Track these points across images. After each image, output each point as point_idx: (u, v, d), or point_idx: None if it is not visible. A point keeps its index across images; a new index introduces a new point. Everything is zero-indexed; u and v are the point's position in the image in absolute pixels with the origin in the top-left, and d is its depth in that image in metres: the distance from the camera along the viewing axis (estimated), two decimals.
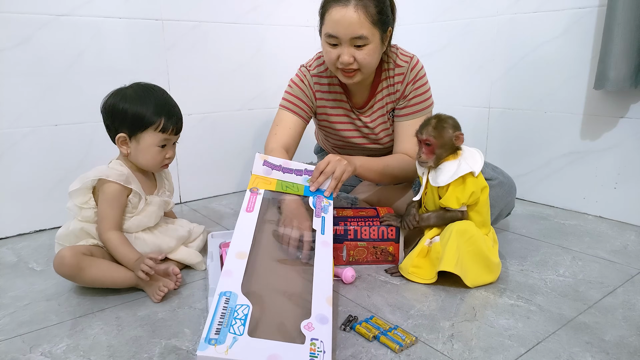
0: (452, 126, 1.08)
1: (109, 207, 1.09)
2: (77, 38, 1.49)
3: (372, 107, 1.35)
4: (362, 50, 1.17)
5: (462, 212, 1.11)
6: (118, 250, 1.06)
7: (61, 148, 1.52)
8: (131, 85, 1.15)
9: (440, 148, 1.08)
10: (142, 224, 1.14)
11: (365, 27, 1.14)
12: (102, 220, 1.08)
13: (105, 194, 1.09)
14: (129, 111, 1.10)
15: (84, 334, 0.92)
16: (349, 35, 1.14)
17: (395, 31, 1.37)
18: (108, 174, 1.09)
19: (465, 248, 1.06)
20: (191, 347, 0.87)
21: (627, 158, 1.46)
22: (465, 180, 1.07)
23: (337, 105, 1.37)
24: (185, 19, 1.69)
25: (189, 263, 1.19)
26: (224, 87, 1.84)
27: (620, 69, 1.31)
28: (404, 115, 1.32)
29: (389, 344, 0.85)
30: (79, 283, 1.07)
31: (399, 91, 1.31)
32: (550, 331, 0.91)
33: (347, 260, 1.21)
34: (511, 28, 1.69)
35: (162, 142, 1.14)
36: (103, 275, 1.04)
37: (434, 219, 1.13)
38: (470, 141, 1.87)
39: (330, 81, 1.35)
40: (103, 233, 1.07)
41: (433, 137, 1.08)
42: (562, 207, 1.65)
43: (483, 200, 1.11)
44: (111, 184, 1.09)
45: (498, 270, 1.11)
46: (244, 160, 1.95)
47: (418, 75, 1.30)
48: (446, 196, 1.09)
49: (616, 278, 1.12)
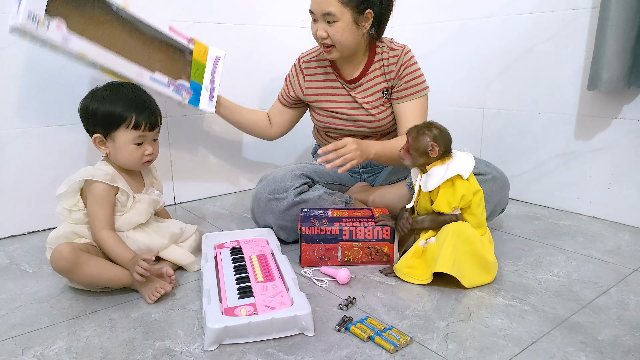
0: (432, 136, 1.09)
1: (99, 207, 1.08)
2: None
3: (364, 84, 1.41)
4: (333, 26, 1.26)
5: (455, 216, 1.11)
6: (112, 249, 1.05)
7: (54, 149, 1.51)
8: (103, 85, 1.15)
9: (414, 151, 1.10)
10: (133, 222, 1.13)
11: (332, 5, 1.23)
12: (94, 220, 1.08)
13: (93, 194, 1.08)
14: (98, 111, 1.09)
15: (76, 336, 0.91)
16: (320, 12, 1.25)
17: (390, 31, 1.38)
18: (94, 174, 1.08)
19: (461, 249, 1.06)
20: (185, 349, 0.86)
21: (620, 158, 1.47)
22: (455, 184, 1.08)
23: (326, 78, 1.46)
24: (178, 19, 1.68)
25: (181, 263, 1.18)
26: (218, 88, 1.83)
27: (613, 70, 1.32)
28: (403, 97, 1.38)
29: (383, 344, 0.85)
30: (74, 280, 1.05)
31: (393, 71, 1.37)
32: (545, 331, 0.91)
33: (342, 261, 1.21)
34: (505, 29, 1.69)
35: (136, 139, 1.12)
36: (100, 272, 1.03)
37: (427, 222, 1.13)
38: (465, 142, 1.88)
39: (320, 64, 1.46)
40: (96, 233, 1.07)
41: (412, 138, 1.11)
42: (556, 208, 1.66)
43: (476, 202, 1.11)
44: (98, 184, 1.08)
45: (495, 270, 1.11)
46: (239, 162, 1.94)
47: (412, 60, 1.38)
48: (437, 200, 1.09)
49: (610, 278, 1.13)
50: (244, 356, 0.84)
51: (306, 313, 0.89)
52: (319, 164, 1.50)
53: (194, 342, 0.88)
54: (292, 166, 1.42)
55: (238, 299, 0.96)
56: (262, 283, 1.02)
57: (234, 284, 1.03)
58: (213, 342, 0.86)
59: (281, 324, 0.89)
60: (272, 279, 1.04)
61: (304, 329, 0.90)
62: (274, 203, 1.29)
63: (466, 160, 1.11)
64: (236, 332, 0.87)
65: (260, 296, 0.97)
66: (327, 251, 1.20)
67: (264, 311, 0.91)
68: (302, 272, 1.17)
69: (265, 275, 1.06)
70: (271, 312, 0.90)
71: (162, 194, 1.25)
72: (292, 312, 0.89)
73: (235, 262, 1.14)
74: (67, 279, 1.06)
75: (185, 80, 1.42)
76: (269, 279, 1.04)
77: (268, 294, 0.97)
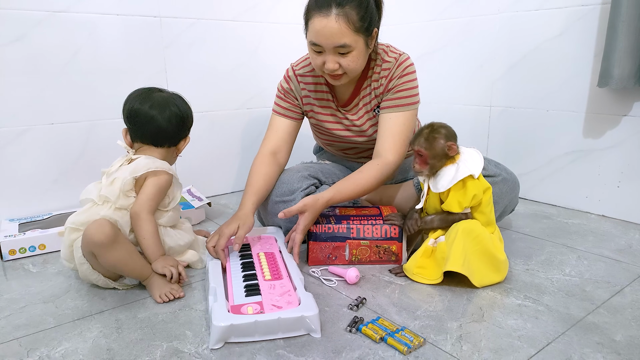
0: (444, 136, 1.06)
1: (158, 192, 1.08)
2: (73, 35, 1.47)
3: (357, 105, 1.33)
4: (347, 57, 1.16)
5: (465, 215, 1.09)
6: (149, 238, 1.05)
7: (57, 147, 1.49)
8: (149, 88, 1.17)
9: (432, 159, 1.07)
10: (172, 221, 1.15)
11: (347, 36, 1.12)
12: (147, 200, 1.06)
13: (159, 179, 1.09)
14: (190, 115, 1.20)
15: (82, 337, 0.89)
16: (332, 45, 1.13)
17: (395, 30, 1.35)
18: (170, 167, 1.12)
19: (471, 247, 1.04)
20: (193, 350, 0.84)
21: (630, 156, 1.45)
22: (466, 184, 1.05)
23: (324, 105, 1.36)
24: (183, 16, 1.66)
25: (190, 261, 1.17)
26: (222, 86, 1.81)
27: (624, 67, 1.30)
28: (386, 108, 1.28)
29: (396, 345, 0.83)
30: (102, 258, 0.99)
31: (382, 85, 1.28)
32: (560, 331, 0.89)
33: (349, 260, 1.19)
34: (512, 26, 1.68)
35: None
36: (128, 258, 1.01)
37: (437, 221, 1.11)
38: (472, 140, 1.86)
39: (316, 80, 1.35)
40: (142, 211, 1.05)
41: (424, 148, 1.06)
42: (564, 206, 1.64)
43: (486, 200, 1.10)
44: (166, 175, 1.10)
45: (505, 269, 1.10)
46: (243, 160, 1.93)
47: (405, 70, 1.26)
48: (448, 201, 1.07)
49: (623, 277, 1.11)
50: (254, 357, 0.82)
51: (313, 314, 0.88)
52: (324, 163, 1.48)
53: (202, 343, 0.86)
54: (298, 166, 1.40)
55: (245, 296, 0.95)
56: (269, 281, 1.01)
57: (241, 282, 1.01)
58: (218, 340, 0.84)
59: (288, 324, 0.87)
60: (279, 277, 1.03)
61: (310, 330, 0.88)
62: (281, 206, 1.26)
63: (475, 158, 1.08)
64: (242, 331, 0.85)
65: (267, 295, 0.95)
66: (335, 249, 1.19)
67: (271, 310, 0.89)
68: (310, 272, 1.16)
69: (273, 273, 1.04)
70: (278, 311, 0.89)
71: None
72: (299, 312, 0.88)
73: (242, 259, 1.12)
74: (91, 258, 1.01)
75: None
76: (277, 277, 1.03)
77: (275, 293, 0.96)
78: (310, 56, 1.22)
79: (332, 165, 1.48)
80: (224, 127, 1.85)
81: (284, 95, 1.38)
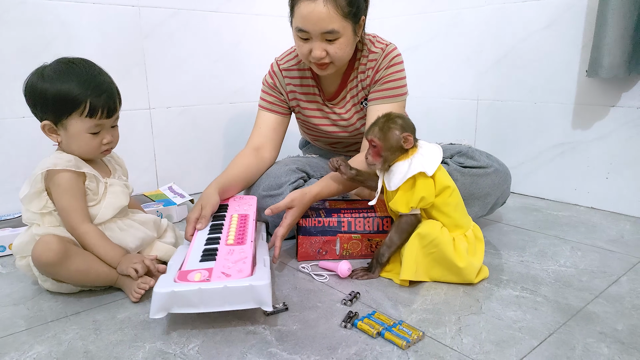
0: (400, 127, 0.98)
1: (72, 198, 0.95)
2: (44, 25, 1.39)
3: (344, 98, 1.30)
4: (334, 44, 1.12)
5: (414, 216, 1.01)
6: (99, 244, 0.96)
7: (29, 142, 1.41)
8: (53, 62, 0.97)
9: (386, 151, 0.99)
10: (116, 206, 1.02)
11: (335, 21, 1.08)
12: (69, 214, 0.96)
13: (60, 186, 0.95)
14: (48, 93, 0.93)
15: (57, 340, 0.83)
16: (319, 31, 1.09)
17: (382, 23, 1.32)
18: (56, 163, 0.95)
19: (425, 252, 0.99)
20: (179, 351, 0.79)
21: (618, 147, 1.45)
22: (416, 183, 0.97)
23: (310, 99, 1.32)
24: (163, 6, 1.60)
25: (160, 253, 1.08)
26: (204, 79, 1.75)
27: (614, 56, 1.29)
28: (374, 100, 1.24)
29: (395, 340, 0.79)
30: (59, 276, 0.94)
31: (369, 77, 1.24)
32: (561, 322, 0.86)
33: (340, 255, 1.15)
34: (500, 18, 1.66)
35: (92, 128, 0.96)
36: (89, 268, 0.93)
37: (396, 238, 1.02)
38: (459, 134, 1.84)
39: (302, 74, 1.30)
40: (77, 227, 0.96)
41: (378, 138, 0.99)
42: (553, 199, 1.63)
43: (444, 200, 1.00)
44: (63, 173, 0.95)
45: (469, 276, 1.00)
46: (226, 156, 1.86)
47: (393, 61, 1.22)
48: (394, 199, 0.99)
49: (618, 267, 1.09)
50: (244, 356, 0.77)
51: (263, 284, 0.80)
52: (311, 157, 1.44)
53: (188, 343, 0.81)
54: (285, 160, 1.35)
55: (199, 262, 0.88)
56: (230, 246, 0.93)
57: (202, 245, 0.95)
58: (159, 308, 0.79)
59: (235, 295, 0.80)
60: (242, 242, 0.95)
61: (261, 303, 0.81)
62: (268, 200, 1.21)
63: (433, 155, 1.00)
64: (185, 300, 0.79)
65: (221, 261, 0.88)
66: (325, 244, 1.14)
67: (219, 278, 0.82)
68: (300, 267, 1.11)
69: (237, 237, 0.97)
70: (225, 279, 0.81)
71: (128, 180, 1.13)
72: (247, 281, 0.80)
73: (214, 220, 1.06)
74: (48, 276, 0.96)
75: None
76: (240, 241, 0.95)
77: (230, 259, 0.88)
78: (296, 44, 1.17)
79: (320, 158, 1.44)
80: (206, 122, 1.79)
81: (270, 90, 1.33)
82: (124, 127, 1.11)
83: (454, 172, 1.22)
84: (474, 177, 1.23)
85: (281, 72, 1.32)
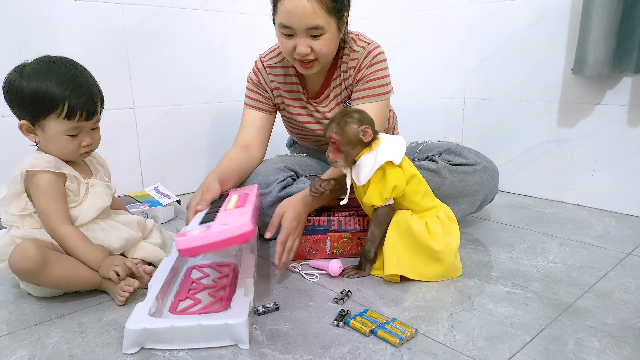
0: (357, 121, 0.97)
1: (51, 200, 0.93)
2: (22, 23, 1.35)
3: (327, 97, 1.29)
4: (319, 40, 1.10)
5: (389, 207, 1.01)
6: (80, 246, 0.93)
7: (9, 141, 1.37)
8: (33, 60, 0.94)
9: (346, 145, 0.97)
10: (97, 207, 0.99)
11: (320, 17, 1.07)
12: (49, 216, 0.93)
13: (40, 187, 0.93)
14: (25, 92, 0.90)
15: (40, 344, 0.80)
16: (304, 26, 1.08)
17: (368, 22, 1.31)
18: (34, 164, 0.92)
19: (403, 242, 0.99)
20: (168, 353, 0.77)
21: (604, 145, 1.47)
22: (386, 173, 0.96)
23: (295, 97, 1.31)
24: (147, 3, 1.57)
25: (154, 260, 1.07)
26: (189, 78, 1.73)
27: (599, 53, 1.31)
28: (357, 99, 1.22)
29: (388, 337, 0.79)
30: (39, 283, 0.91)
31: (351, 76, 1.23)
32: (552, 317, 0.87)
33: (330, 254, 1.14)
34: (485, 17, 1.67)
35: (70, 130, 0.94)
36: (71, 272, 0.91)
37: (377, 232, 1.02)
38: (446, 133, 1.85)
39: (286, 72, 1.29)
40: (56, 230, 0.93)
41: (336, 134, 0.97)
42: (539, 197, 1.65)
43: (412, 189, 1.00)
44: (42, 174, 0.93)
45: (448, 257, 1.00)
46: (212, 156, 1.84)
47: (375, 59, 1.21)
48: (368, 193, 0.98)
49: (606, 262, 1.10)
50: (236, 357, 0.76)
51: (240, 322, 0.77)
52: (300, 156, 1.43)
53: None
54: (274, 159, 1.34)
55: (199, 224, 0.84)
56: (230, 210, 0.88)
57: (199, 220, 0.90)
58: (132, 344, 0.76)
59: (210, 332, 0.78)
60: (242, 205, 0.91)
61: (237, 340, 0.78)
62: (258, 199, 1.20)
63: (397, 144, 0.99)
64: (158, 337, 0.77)
65: (221, 218, 0.83)
66: (315, 243, 1.13)
67: (219, 228, 0.77)
68: (291, 267, 1.10)
69: (237, 205, 0.93)
70: (198, 317, 0.80)
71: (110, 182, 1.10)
72: (222, 319, 0.78)
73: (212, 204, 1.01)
74: (29, 283, 0.93)
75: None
76: (240, 205, 0.91)
77: (231, 215, 0.84)
78: (280, 41, 1.15)
79: (308, 157, 1.43)
80: (192, 121, 1.77)
81: (254, 88, 1.32)
82: (107, 127, 1.09)
83: (442, 170, 1.22)
84: (463, 174, 1.23)
85: (265, 69, 1.30)
